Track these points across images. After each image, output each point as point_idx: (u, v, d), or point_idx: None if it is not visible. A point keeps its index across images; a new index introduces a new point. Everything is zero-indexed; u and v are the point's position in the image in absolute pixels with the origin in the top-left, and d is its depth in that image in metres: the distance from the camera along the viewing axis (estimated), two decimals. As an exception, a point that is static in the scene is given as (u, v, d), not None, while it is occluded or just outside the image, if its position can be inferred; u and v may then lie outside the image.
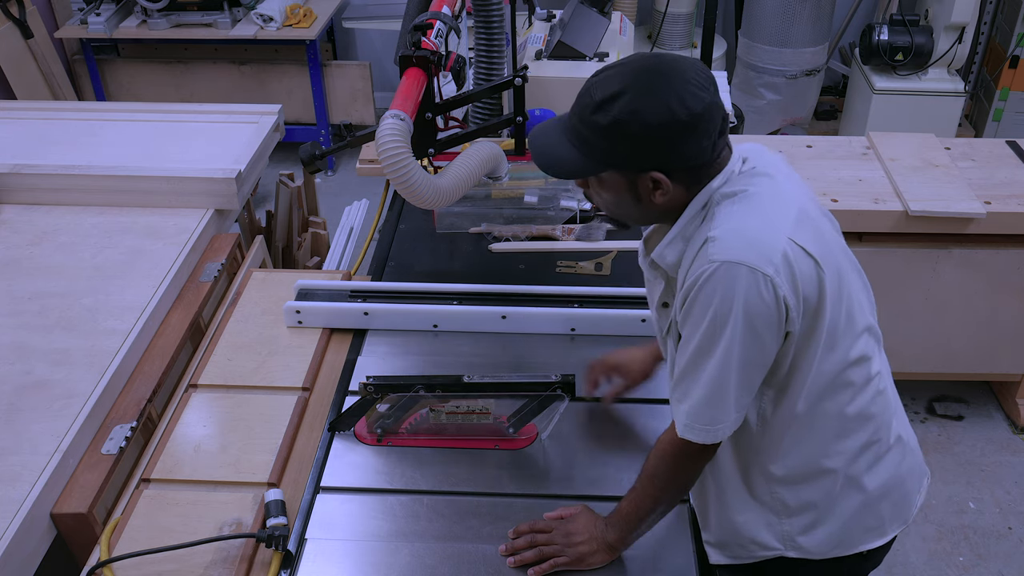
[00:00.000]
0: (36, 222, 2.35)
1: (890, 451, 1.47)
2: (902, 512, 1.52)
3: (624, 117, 1.23)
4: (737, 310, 1.23)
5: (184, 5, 4.41)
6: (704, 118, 1.23)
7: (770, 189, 1.30)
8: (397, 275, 2.20)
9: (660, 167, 1.26)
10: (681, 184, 1.29)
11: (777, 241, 1.24)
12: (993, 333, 2.97)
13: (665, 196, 1.29)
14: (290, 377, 1.87)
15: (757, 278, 1.22)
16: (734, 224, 1.26)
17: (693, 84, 1.23)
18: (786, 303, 1.25)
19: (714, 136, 1.26)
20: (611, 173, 1.30)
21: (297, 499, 1.60)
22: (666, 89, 1.22)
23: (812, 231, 1.30)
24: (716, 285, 1.23)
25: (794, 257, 1.25)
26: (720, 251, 1.24)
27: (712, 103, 1.24)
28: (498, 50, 2.56)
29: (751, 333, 1.25)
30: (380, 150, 1.74)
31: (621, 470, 1.65)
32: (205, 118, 2.75)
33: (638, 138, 1.24)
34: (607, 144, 1.26)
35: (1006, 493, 2.93)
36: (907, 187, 2.79)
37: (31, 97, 4.25)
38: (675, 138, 1.24)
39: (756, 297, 1.23)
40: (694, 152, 1.26)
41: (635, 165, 1.28)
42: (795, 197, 1.33)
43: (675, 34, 4.63)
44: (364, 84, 4.65)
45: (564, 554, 1.46)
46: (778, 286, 1.23)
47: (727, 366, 1.27)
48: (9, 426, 1.73)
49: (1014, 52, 4.29)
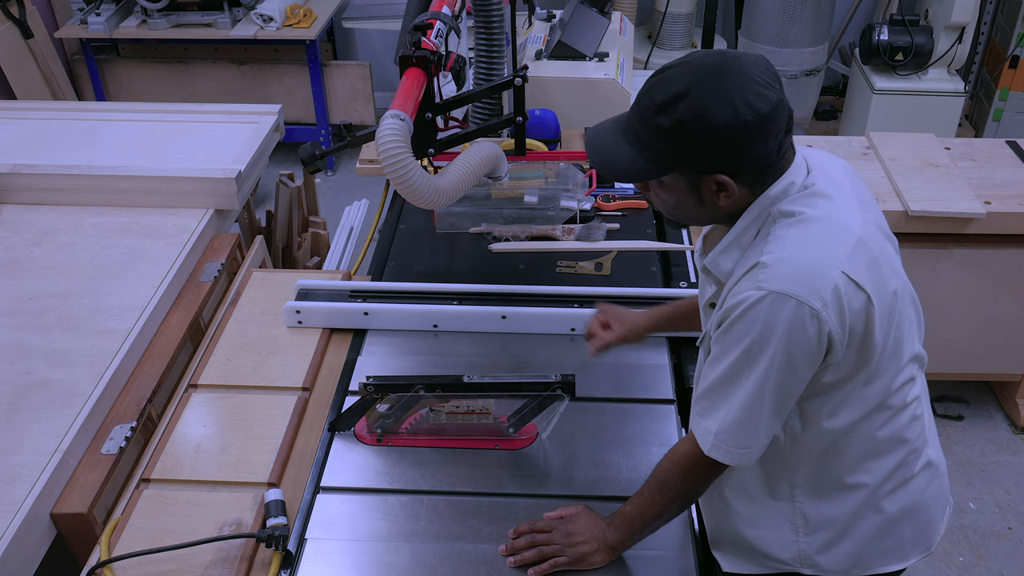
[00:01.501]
0: (36, 222, 2.35)
1: (917, 476, 1.45)
2: (924, 538, 1.49)
3: (687, 119, 1.19)
4: (778, 341, 1.21)
5: (184, 5, 4.41)
6: (770, 118, 1.19)
7: (828, 214, 1.26)
8: (397, 275, 2.20)
9: (725, 169, 1.22)
10: (746, 186, 1.25)
11: (829, 274, 1.20)
12: (993, 333, 2.97)
13: (730, 198, 1.26)
14: (290, 377, 1.87)
15: (803, 311, 1.19)
16: (788, 253, 1.22)
17: (758, 83, 1.19)
18: (830, 337, 1.22)
19: (780, 136, 1.22)
20: (673, 176, 1.26)
21: (297, 499, 1.60)
22: (731, 89, 1.18)
23: (867, 262, 1.25)
24: (760, 313, 1.21)
25: (845, 291, 1.21)
26: (769, 279, 1.20)
27: (778, 102, 1.20)
28: (498, 50, 2.56)
29: (788, 364, 1.23)
30: (380, 150, 1.74)
31: (621, 470, 1.65)
32: (205, 118, 2.75)
33: (702, 140, 1.19)
34: (669, 147, 1.22)
35: (1006, 493, 2.93)
36: (907, 187, 2.79)
37: (31, 97, 4.26)
38: (741, 140, 1.19)
39: (800, 330, 1.20)
40: (760, 153, 1.22)
41: (699, 168, 1.23)
42: (853, 223, 1.27)
43: (675, 34, 4.63)
44: (364, 84, 4.65)
45: (564, 554, 1.46)
46: (824, 320, 1.20)
47: (761, 393, 1.25)
48: (9, 426, 1.73)
49: (1014, 52, 4.29)
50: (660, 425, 1.74)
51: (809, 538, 1.44)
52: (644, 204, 2.42)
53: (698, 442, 1.33)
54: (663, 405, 1.79)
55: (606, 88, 2.82)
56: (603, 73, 2.84)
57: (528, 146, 2.30)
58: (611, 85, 2.81)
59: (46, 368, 1.87)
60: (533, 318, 1.98)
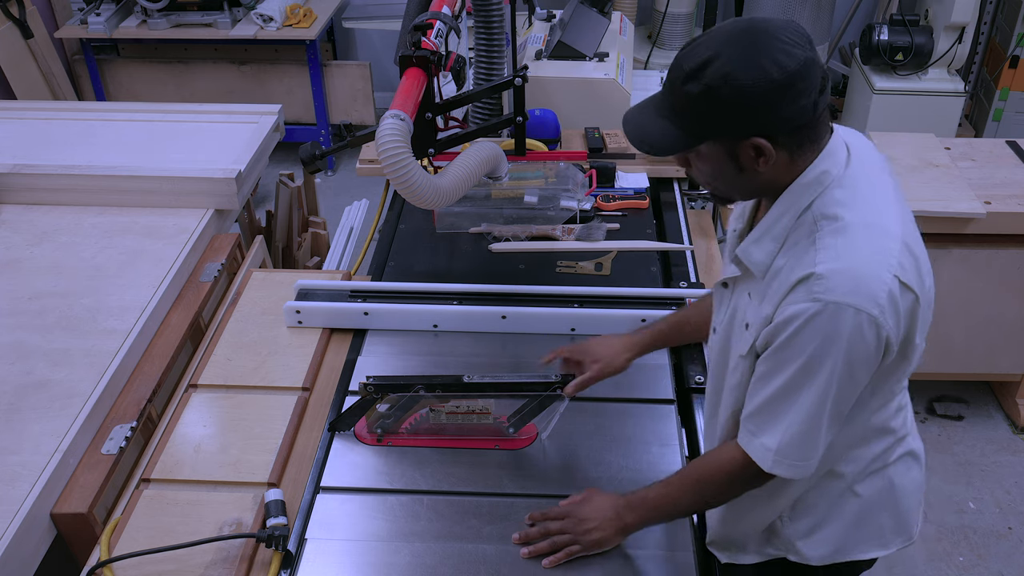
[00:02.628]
0: (36, 222, 2.35)
1: (896, 463, 1.46)
2: (904, 527, 1.51)
3: (716, 84, 1.17)
4: (839, 351, 1.20)
5: (184, 5, 4.41)
6: (801, 76, 1.17)
7: (871, 216, 1.25)
8: (397, 275, 2.20)
9: (761, 132, 1.20)
10: (784, 150, 1.23)
11: (884, 279, 1.20)
12: (993, 333, 2.97)
13: (769, 163, 1.23)
14: (290, 377, 1.87)
15: (862, 319, 1.19)
16: (840, 262, 1.21)
17: (786, 42, 1.17)
18: (888, 341, 1.22)
19: (814, 95, 1.19)
20: (709, 145, 1.24)
21: (297, 499, 1.60)
22: (757, 50, 1.17)
23: (913, 262, 1.25)
24: (820, 326, 1.20)
25: (899, 294, 1.21)
26: (826, 290, 1.19)
27: (808, 59, 1.17)
28: (498, 50, 2.56)
29: (848, 374, 1.23)
30: (380, 150, 1.74)
31: (621, 470, 1.65)
32: (205, 118, 2.74)
33: (734, 104, 1.18)
34: (702, 114, 1.21)
35: (1006, 493, 2.93)
36: (907, 187, 2.79)
37: (31, 97, 4.26)
38: (773, 100, 1.17)
39: (859, 339, 1.20)
40: (794, 113, 1.19)
41: (734, 133, 1.22)
42: (895, 224, 1.26)
43: (675, 34, 4.63)
44: (364, 84, 4.65)
45: (578, 542, 1.46)
46: (882, 326, 1.20)
47: (822, 405, 1.25)
48: (9, 426, 1.73)
49: (1014, 52, 4.29)
50: (660, 425, 1.74)
51: (793, 524, 1.46)
52: (644, 204, 2.42)
53: (755, 460, 1.32)
54: (663, 405, 1.79)
55: (606, 88, 2.82)
56: (603, 73, 2.84)
57: (528, 146, 2.29)
58: (611, 85, 2.81)
59: (46, 368, 1.87)
60: (533, 318, 1.98)
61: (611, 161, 2.52)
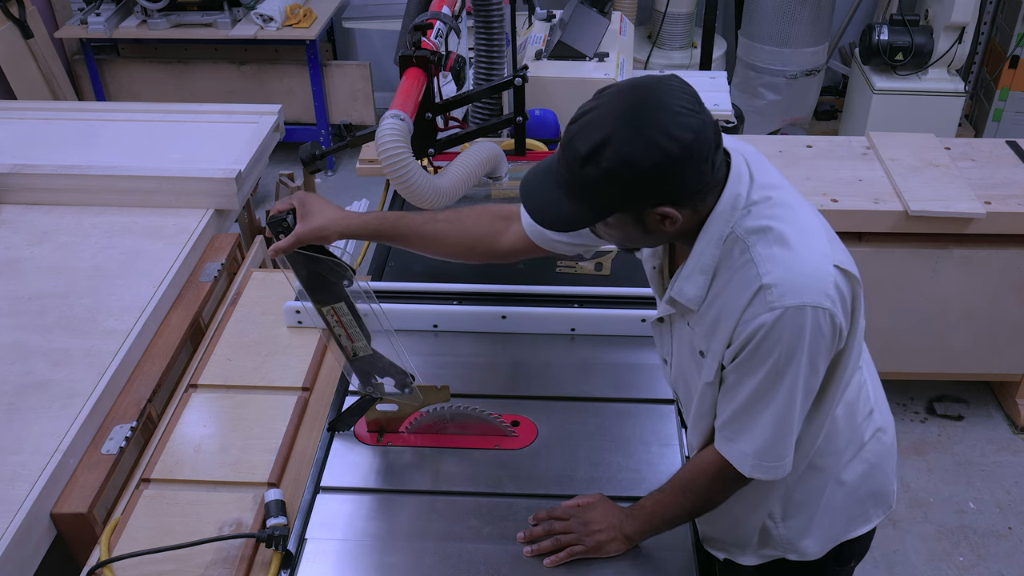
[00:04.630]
0: (36, 222, 2.35)
1: (869, 442, 1.50)
2: (884, 499, 1.55)
3: (614, 167, 1.17)
4: (802, 351, 1.24)
5: (184, 5, 4.41)
6: (697, 145, 1.17)
7: (795, 217, 1.28)
8: (397, 275, 2.20)
9: (664, 202, 1.21)
10: (688, 208, 1.24)
11: (828, 272, 1.25)
12: (993, 333, 2.97)
13: (676, 225, 1.25)
14: (290, 377, 1.87)
15: (819, 315, 1.23)
16: (785, 268, 1.23)
17: (678, 112, 1.16)
18: (841, 330, 1.27)
19: (711, 156, 1.20)
20: (615, 216, 1.25)
21: (297, 499, 1.60)
22: (651, 127, 1.15)
23: (842, 248, 1.32)
24: (782, 330, 1.23)
25: (841, 283, 1.26)
26: (780, 296, 1.22)
27: (702, 125, 1.17)
28: (498, 50, 2.56)
29: (812, 369, 1.27)
30: (380, 150, 1.74)
31: (621, 470, 1.65)
32: (205, 118, 2.75)
33: (634, 183, 1.18)
34: (604, 194, 1.21)
35: (1006, 493, 2.93)
36: (907, 187, 2.79)
37: (31, 97, 4.26)
38: (672, 173, 1.18)
39: (818, 334, 1.24)
40: (695, 180, 1.20)
41: (637, 205, 1.23)
42: (813, 217, 1.32)
43: (675, 34, 4.63)
44: (364, 84, 4.65)
45: (581, 543, 1.46)
46: (836, 316, 1.25)
47: (791, 404, 1.29)
48: (9, 426, 1.73)
49: (1014, 52, 4.29)
50: (660, 425, 1.74)
51: (786, 524, 1.49)
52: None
53: (734, 465, 1.35)
54: (663, 405, 1.79)
55: (606, 88, 2.82)
56: (603, 73, 2.84)
57: (528, 146, 2.30)
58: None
59: (46, 368, 1.87)
60: (533, 318, 1.98)
61: (611, 161, 2.51)
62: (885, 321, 2.93)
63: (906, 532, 2.80)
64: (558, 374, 1.88)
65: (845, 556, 1.56)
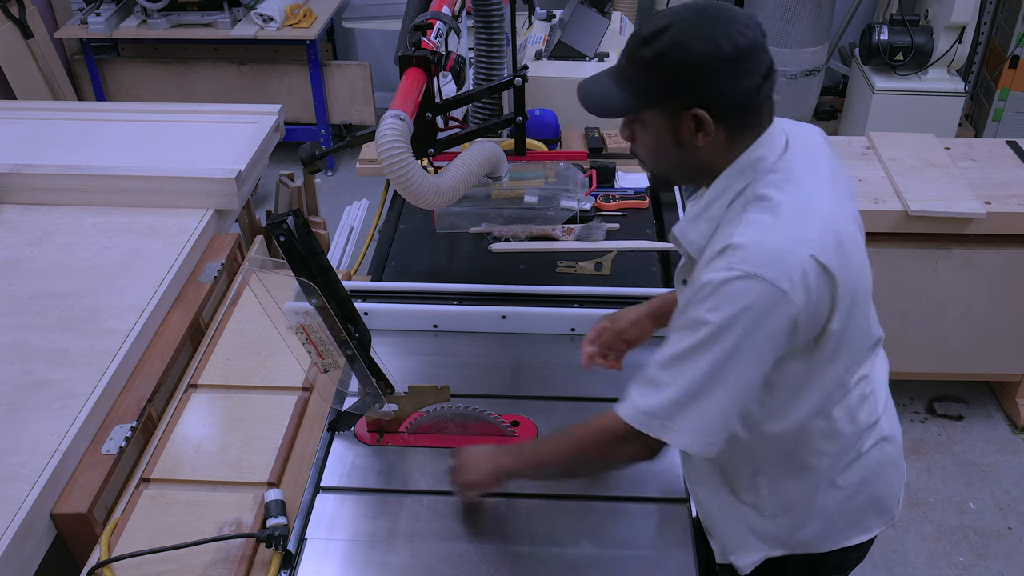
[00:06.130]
0: (36, 222, 2.35)
1: (871, 450, 1.47)
2: (885, 509, 1.52)
3: (667, 49, 1.22)
4: (743, 322, 1.20)
5: (184, 5, 4.41)
6: (748, 54, 1.21)
7: (799, 199, 1.27)
8: (397, 275, 2.20)
9: (703, 103, 1.24)
10: (723, 128, 1.26)
11: (800, 257, 1.21)
12: (993, 333, 2.97)
13: (708, 138, 1.26)
14: (290, 377, 1.87)
15: (771, 292, 1.19)
16: (760, 236, 1.23)
17: (739, 23, 1.22)
18: (796, 321, 1.23)
19: (758, 78, 1.23)
20: (654, 114, 1.28)
21: (297, 499, 1.60)
22: (712, 24, 1.22)
23: (836, 246, 1.25)
24: (728, 293, 1.21)
25: (813, 275, 1.22)
26: (741, 260, 1.21)
27: (757, 42, 1.22)
28: (498, 50, 2.56)
29: (752, 347, 1.22)
30: (380, 150, 1.74)
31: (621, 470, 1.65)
32: (205, 118, 2.75)
33: (681, 69, 1.22)
34: (651, 78, 1.25)
35: (1006, 493, 2.93)
36: (907, 187, 2.79)
37: (31, 97, 4.25)
38: (719, 71, 1.21)
39: (767, 313, 1.20)
40: (737, 90, 1.23)
41: (678, 100, 1.25)
42: (822, 207, 1.28)
43: (675, 34, 4.62)
44: (364, 84, 4.65)
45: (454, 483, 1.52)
46: (791, 303, 1.20)
47: (719, 374, 1.23)
48: (9, 426, 1.73)
49: (1014, 52, 4.29)
50: (660, 425, 1.74)
51: (775, 521, 1.46)
52: (644, 204, 2.42)
53: (621, 415, 1.31)
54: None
55: (606, 88, 2.82)
56: (603, 73, 2.84)
57: (528, 146, 2.30)
58: (611, 85, 2.81)
59: (46, 368, 1.87)
60: (533, 318, 1.98)
61: (611, 161, 2.52)
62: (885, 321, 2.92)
63: (906, 532, 2.80)
64: (558, 374, 1.88)
65: (843, 563, 1.55)
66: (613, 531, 1.54)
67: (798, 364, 1.31)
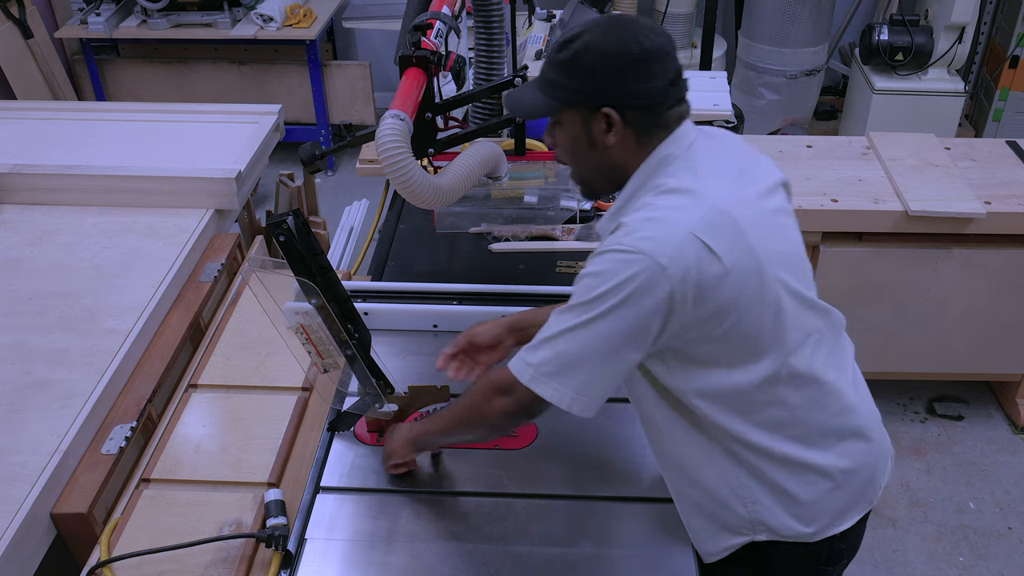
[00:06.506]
0: (36, 222, 2.35)
1: (844, 442, 1.45)
2: (865, 494, 1.50)
3: (580, 50, 1.33)
4: (620, 292, 1.26)
5: (184, 5, 4.41)
6: (655, 57, 1.31)
7: (692, 184, 1.33)
8: (397, 275, 2.20)
9: (613, 102, 1.33)
10: (632, 129, 1.35)
11: (679, 235, 1.27)
12: (993, 333, 2.97)
13: (617, 137, 1.35)
14: (290, 377, 1.87)
15: (647, 265, 1.25)
16: (645, 214, 1.31)
17: (649, 30, 1.33)
18: (672, 296, 1.27)
19: (665, 81, 1.33)
20: (570, 114, 1.37)
21: (297, 499, 1.60)
22: (621, 29, 1.33)
23: (726, 228, 1.29)
24: (607, 266, 1.28)
25: (694, 253, 1.26)
26: (625, 235, 1.29)
27: (664, 48, 1.32)
28: (498, 50, 2.56)
29: (630, 318, 1.28)
30: (380, 150, 1.74)
31: (621, 470, 1.65)
32: (205, 118, 2.75)
33: (593, 69, 1.32)
34: (566, 79, 1.35)
35: (1006, 493, 2.93)
36: (907, 187, 2.79)
37: (31, 97, 4.26)
38: (626, 71, 1.31)
39: (644, 286, 1.26)
40: (644, 91, 1.32)
41: (590, 98, 1.34)
42: (714, 193, 1.32)
43: (675, 34, 4.63)
44: (364, 84, 4.65)
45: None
46: (668, 278, 1.25)
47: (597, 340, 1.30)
48: (9, 426, 1.73)
49: (1014, 52, 4.29)
50: (660, 425, 1.74)
51: (756, 506, 1.44)
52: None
53: (512, 371, 1.37)
54: (663, 405, 1.79)
55: (606, 88, 2.82)
56: (603, 73, 2.84)
57: (528, 146, 2.30)
58: (611, 85, 2.81)
59: (46, 368, 1.87)
60: (533, 318, 1.98)
61: (611, 161, 2.51)
62: (885, 321, 2.93)
63: (906, 532, 2.80)
64: (558, 374, 1.87)
65: (836, 554, 1.53)
66: (613, 531, 1.54)
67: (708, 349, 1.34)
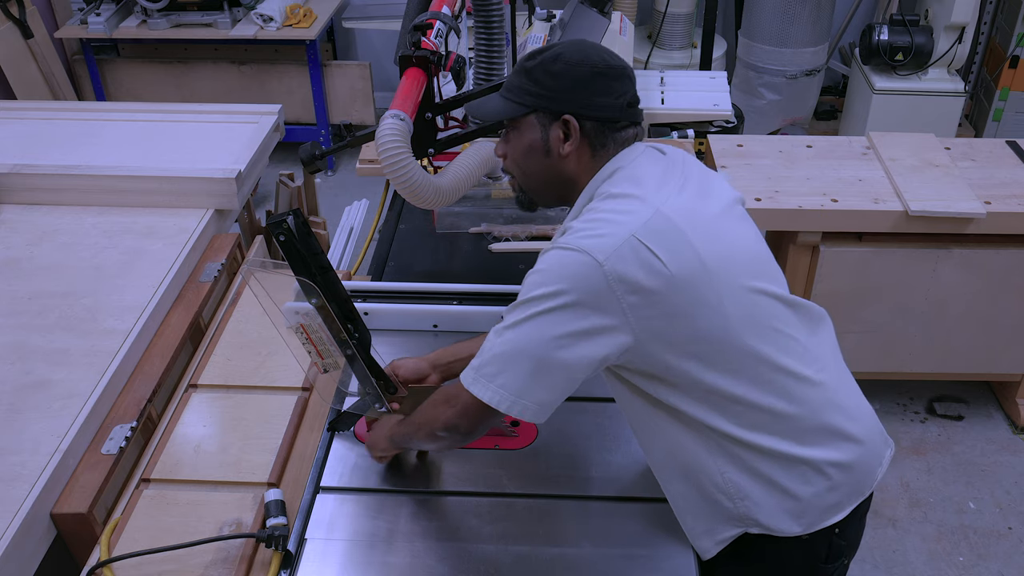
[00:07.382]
0: (36, 222, 2.35)
1: (835, 440, 1.44)
2: (858, 487, 1.49)
3: (547, 59, 1.41)
4: (561, 291, 1.29)
5: (184, 5, 4.41)
6: (616, 74, 1.41)
7: (636, 190, 1.37)
8: (397, 275, 2.20)
9: (574, 109, 1.39)
10: (587, 140, 1.41)
11: (619, 236, 1.30)
12: (993, 333, 2.97)
13: (572, 147, 1.41)
14: (290, 377, 1.87)
15: (587, 262, 1.28)
16: (588, 216, 1.36)
17: (613, 55, 1.42)
18: (613, 294, 1.28)
19: (623, 101, 1.41)
20: (529, 120, 1.43)
21: (297, 499, 1.60)
22: (587, 48, 1.42)
23: (668, 233, 1.31)
24: (550, 266, 1.32)
25: (633, 254, 1.29)
26: (567, 237, 1.33)
27: (625, 71, 1.42)
28: (498, 50, 2.56)
29: (572, 318, 1.29)
30: (380, 150, 1.74)
31: (621, 470, 1.65)
32: (205, 118, 2.75)
33: (557, 76, 1.39)
34: (531, 84, 1.41)
35: (1006, 493, 2.93)
36: (907, 187, 2.79)
37: (31, 97, 4.26)
38: (588, 82, 1.39)
39: (585, 284, 1.28)
40: (603, 104, 1.40)
41: (552, 103, 1.40)
42: (655, 199, 1.35)
43: (675, 34, 4.63)
44: (364, 84, 4.65)
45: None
46: (607, 275, 1.27)
47: (538, 339, 1.31)
48: (9, 426, 1.73)
49: (1014, 52, 4.29)
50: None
51: (745, 501, 1.43)
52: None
53: (461, 379, 1.39)
54: (663, 405, 1.79)
55: (606, 88, 2.82)
56: (603, 73, 2.84)
57: (528, 146, 2.29)
58: (611, 85, 2.81)
59: (46, 368, 1.87)
60: (533, 318, 1.98)
61: (611, 161, 2.51)
62: (885, 321, 2.93)
63: (906, 532, 2.80)
64: (558, 374, 1.87)
65: (835, 551, 1.53)
66: (613, 531, 1.54)
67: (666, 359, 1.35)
